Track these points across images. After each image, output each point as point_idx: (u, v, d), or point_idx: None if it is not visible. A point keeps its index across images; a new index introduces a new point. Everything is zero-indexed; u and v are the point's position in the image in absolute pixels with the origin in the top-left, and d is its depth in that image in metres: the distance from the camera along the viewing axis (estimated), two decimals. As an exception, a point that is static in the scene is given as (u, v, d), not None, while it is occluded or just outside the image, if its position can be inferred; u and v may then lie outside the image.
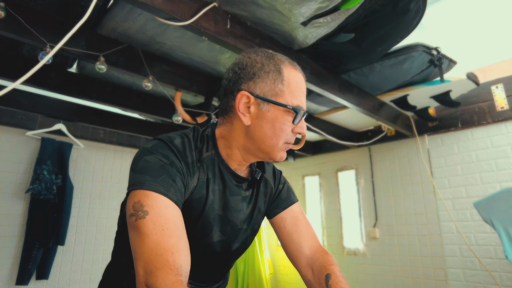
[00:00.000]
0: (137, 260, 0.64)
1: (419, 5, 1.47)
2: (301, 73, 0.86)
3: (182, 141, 0.82)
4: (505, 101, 2.42)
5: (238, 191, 0.90)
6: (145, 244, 0.64)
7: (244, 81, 0.82)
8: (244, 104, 0.82)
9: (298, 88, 0.82)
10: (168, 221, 0.68)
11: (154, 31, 1.62)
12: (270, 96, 0.80)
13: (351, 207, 3.32)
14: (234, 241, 0.92)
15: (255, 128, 0.82)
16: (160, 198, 0.69)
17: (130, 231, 0.69)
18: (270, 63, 0.82)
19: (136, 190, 0.71)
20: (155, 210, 0.67)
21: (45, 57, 1.08)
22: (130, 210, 0.69)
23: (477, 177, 2.49)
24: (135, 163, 0.76)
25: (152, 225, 0.66)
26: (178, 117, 2.08)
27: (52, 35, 1.45)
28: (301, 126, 0.83)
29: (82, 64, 1.97)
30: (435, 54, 1.95)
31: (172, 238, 0.66)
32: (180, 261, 0.64)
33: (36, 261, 2.28)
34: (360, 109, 2.19)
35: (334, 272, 0.85)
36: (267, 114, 0.80)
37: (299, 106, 0.81)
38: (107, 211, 2.81)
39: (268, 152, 0.83)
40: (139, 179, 0.71)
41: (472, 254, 2.40)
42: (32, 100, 2.23)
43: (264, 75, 0.81)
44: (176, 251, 0.65)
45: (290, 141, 0.84)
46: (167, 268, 0.61)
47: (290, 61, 0.86)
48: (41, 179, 2.34)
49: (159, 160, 0.74)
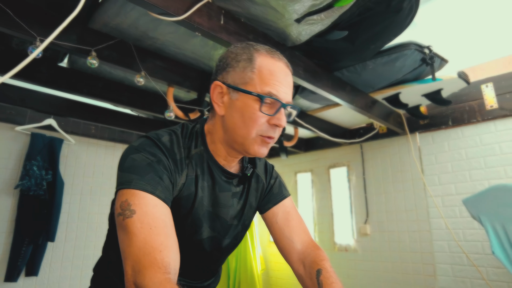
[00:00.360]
0: (126, 259, 0.64)
1: (412, 3, 1.47)
2: (280, 61, 0.82)
3: (170, 138, 0.81)
4: (495, 100, 2.46)
5: (228, 187, 0.89)
6: (133, 243, 0.64)
7: (219, 72, 0.83)
8: (218, 95, 0.82)
9: (271, 76, 0.78)
10: (156, 220, 0.67)
11: (147, 26, 1.60)
12: (239, 84, 0.79)
13: (342, 204, 3.35)
14: (224, 237, 0.92)
15: (228, 118, 0.81)
16: (147, 197, 0.69)
17: (118, 231, 0.69)
18: (243, 52, 0.81)
19: (123, 190, 0.70)
20: (142, 209, 0.67)
21: (35, 51, 1.07)
22: (118, 209, 0.69)
23: (467, 174, 2.53)
24: (122, 162, 0.75)
25: (139, 224, 0.65)
26: (170, 113, 2.07)
27: (42, 28, 1.42)
28: (277, 118, 0.78)
29: (73, 59, 1.94)
30: (427, 53, 1.97)
31: (160, 236, 0.66)
32: (168, 259, 0.64)
33: (25, 257, 2.26)
34: (352, 106, 2.20)
35: (325, 268, 0.86)
36: (237, 103, 0.79)
37: (270, 93, 0.77)
38: (98, 207, 2.79)
39: (241, 143, 0.80)
40: (126, 178, 0.71)
41: (460, 249, 2.44)
42: (22, 95, 2.19)
43: (235, 64, 0.81)
44: (164, 249, 0.64)
45: (265, 134, 0.79)
46: (155, 267, 0.61)
47: (269, 50, 0.83)
48: (30, 174, 2.31)
49: (146, 158, 0.74)
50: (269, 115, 0.78)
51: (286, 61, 0.84)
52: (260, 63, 0.79)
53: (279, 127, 0.81)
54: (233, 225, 0.93)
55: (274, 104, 0.79)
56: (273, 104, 0.79)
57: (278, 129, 0.81)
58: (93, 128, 2.81)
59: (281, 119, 0.79)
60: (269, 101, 0.78)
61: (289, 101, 0.81)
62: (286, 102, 0.80)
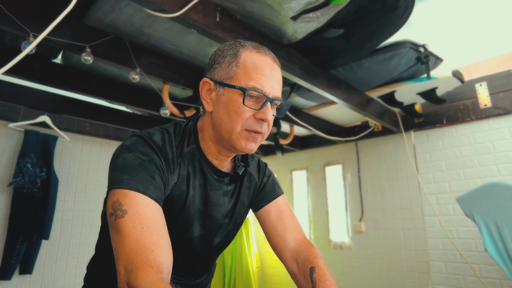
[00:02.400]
0: (118, 259, 0.64)
1: (407, 2, 1.48)
2: (266, 56, 0.81)
3: (162, 137, 0.81)
4: (488, 98, 2.48)
5: (219, 186, 0.89)
6: (125, 243, 0.64)
7: (208, 70, 0.85)
8: (207, 91, 0.83)
9: (256, 70, 0.78)
10: (148, 219, 0.67)
11: (142, 23, 1.59)
12: (225, 79, 0.80)
13: (337, 201, 3.36)
14: (216, 235, 0.92)
15: (215, 113, 0.82)
16: (138, 196, 0.69)
17: (110, 231, 0.69)
18: (230, 49, 0.82)
19: (114, 189, 0.70)
20: (134, 209, 0.67)
21: (28, 47, 1.05)
22: (110, 209, 0.68)
23: (460, 172, 2.55)
24: (113, 161, 0.75)
25: (131, 224, 0.65)
26: (166, 110, 2.06)
27: (35, 24, 1.41)
28: (263, 112, 0.78)
29: (68, 55, 1.92)
30: (422, 51, 1.98)
31: (152, 236, 0.65)
32: (161, 258, 0.64)
33: (19, 255, 2.24)
34: (348, 104, 2.20)
35: (318, 265, 0.86)
36: (222, 98, 0.80)
37: (254, 87, 0.76)
38: (93, 204, 2.78)
39: (227, 139, 0.80)
40: (118, 178, 0.70)
41: (454, 247, 2.47)
42: (15, 91, 2.17)
43: (222, 60, 0.82)
44: (156, 249, 0.64)
45: (251, 128, 0.78)
46: (147, 266, 0.61)
47: (256, 45, 0.83)
48: (24, 172, 2.29)
49: (138, 158, 0.73)
50: (254, 109, 0.78)
51: (273, 55, 0.84)
52: (244, 58, 0.79)
53: (265, 122, 0.80)
54: (225, 224, 0.93)
55: (260, 99, 0.79)
56: (259, 99, 0.79)
57: (264, 123, 0.80)
58: (87, 125, 2.79)
59: (267, 113, 0.78)
60: (254, 95, 0.78)
61: (276, 96, 0.81)
62: (273, 96, 0.80)
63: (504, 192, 1.66)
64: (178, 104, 2.22)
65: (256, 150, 0.83)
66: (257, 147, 0.83)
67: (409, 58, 2.00)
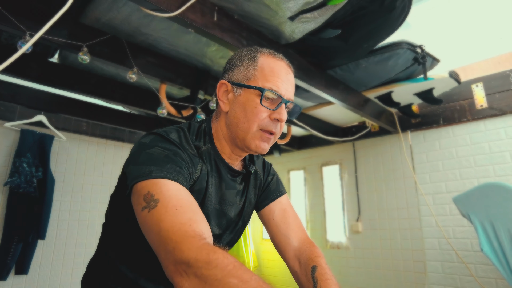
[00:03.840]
0: (158, 247, 0.61)
1: (405, 3, 1.49)
2: (282, 61, 0.86)
3: (178, 135, 0.82)
4: (484, 99, 2.50)
5: (233, 185, 0.92)
6: (161, 229, 0.61)
7: (225, 72, 0.89)
8: (224, 93, 0.87)
9: (272, 73, 0.83)
10: (181, 200, 0.66)
11: (140, 22, 1.58)
12: (242, 81, 0.84)
13: (335, 201, 3.37)
14: (228, 233, 0.94)
15: (231, 113, 0.85)
16: (169, 183, 0.67)
17: (144, 225, 0.66)
18: (247, 53, 0.87)
19: (142, 182, 0.67)
20: (165, 195, 0.65)
21: (24, 46, 1.05)
22: (142, 203, 0.66)
23: (457, 173, 2.57)
24: (135, 157, 0.73)
25: (164, 210, 0.63)
26: (163, 110, 2.06)
27: (32, 23, 1.40)
28: (278, 112, 0.82)
29: (64, 54, 1.91)
30: (419, 52, 1.98)
31: (188, 213, 0.64)
32: (199, 229, 0.62)
33: (15, 255, 2.23)
34: (345, 105, 2.21)
35: (320, 264, 0.87)
36: (239, 98, 0.83)
37: (271, 88, 0.81)
38: (90, 204, 2.77)
39: (243, 138, 0.83)
40: (145, 170, 0.68)
41: (450, 247, 2.48)
42: (11, 90, 2.15)
43: (240, 63, 0.86)
44: (193, 223, 0.62)
45: (267, 128, 0.82)
46: (188, 237, 0.59)
47: (272, 52, 0.87)
48: (20, 171, 2.27)
49: (162, 151, 0.73)
50: (270, 109, 0.81)
51: (287, 61, 0.89)
52: (262, 61, 0.84)
53: (280, 122, 0.84)
54: (235, 222, 0.95)
55: (275, 100, 0.82)
56: (274, 100, 0.82)
57: (279, 124, 0.84)
58: (84, 124, 2.78)
59: (282, 113, 0.82)
60: (270, 96, 0.81)
61: (290, 98, 0.85)
62: (287, 98, 0.84)
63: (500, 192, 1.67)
64: (175, 103, 2.22)
65: (267, 150, 0.86)
66: (269, 147, 0.86)
67: (406, 59, 2.01)
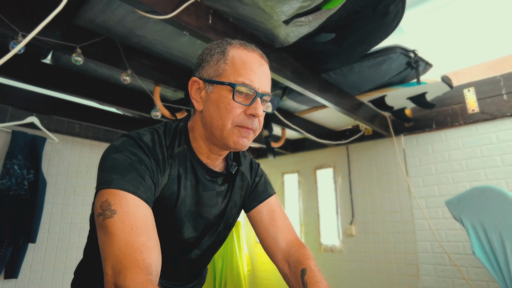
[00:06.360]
0: (106, 260, 0.63)
1: (398, 8, 1.50)
2: (254, 52, 0.82)
3: (152, 137, 0.80)
4: (476, 104, 2.53)
5: (212, 186, 0.88)
6: (114, 244, 0.63)
7: (196, 69, 0.85)
8: (196, 91, 0.83)
9: (244, 66, 0.78)
10: (137, 220, 0.66)
11: (134, 24, 1.58)
12: (213, 77, 0.80)
13: (328, 205, 3.38)
14: (207, 236, 0.91)
15: (205, 112, 0.81)
16: (128, 196, 0.68)
17: (98, 231, 0.67)
18: (217, 47, 0.83)
19: (104, 189, 0.69)
20: (123, 209, 0.66)
21: (16, 47, 1.04)
22: (98, 209, 0.67)
23: (449, 176, 2.59)
24: (103, 162, 0.74)
25: (120, 224, 0.64)
26: (157, 112, 2.05)
27: (24, 23, 1.39)
28: (253, 107, 0.77)
29: (57, 55, 1.89)
30: (412, 57, 2.00)
31: (142, 237, 0.64)
32: (150, 260, 0.63)
33: (4, 259, 2.19)
34: (339, 108, 2.22)
35: (309, 267, 0.85)
36: (212, 95, 0.80)
37: (243, 83, 0.77)
38: (82, 207, 2.73)
39: (219, 136, 0.79)
40: (107, 178, 0.69)
41: (443, 250, 2.50)
42: (3, 91, 2.13)
43: (210, 58, 0.82)
44: (145, 250, 0.63)
45: (242, 124, 0.78)
46: (136, 267, 0.60)
47: (243, 43, 0.83)
48: (11, 174, 2.24)
49: (128, 158, 0.72)
50: (244, 105, 0.78)
51: (260, 52, 0.84)
52: (233, 54, 0.80)
53: (256, 117, 0.80)
54: (216, 224, 0.92)
55: (250, 95, 0.78)
56: (248, 95, 0.78)
57: (255, 119, 0.80)
58: (77, 126, 2.75)
59: (257, 108, 0.78)
60: (244, 91, 0.77)
61: (265, 91, 0.80)
62: (262, 91, 0.80)
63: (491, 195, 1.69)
64: (169, 106, 2.21)
65: (248, 146, 0.83)
66: (249, 143, 0.82)
67: (400, 63, 2.03)
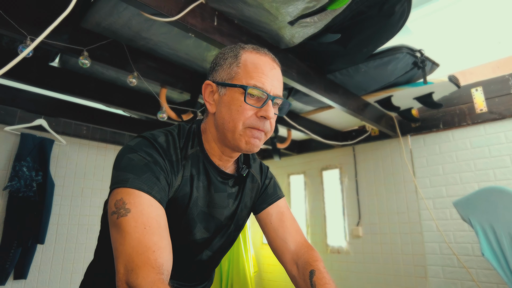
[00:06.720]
0: (118, 258, 0.63)
1: (404, 7, 1.49)
2: (267, 56, 0.83)
3: (166, 139, 0.81)
4: (484, 103, 2.50)
5: (223, 188, 0.90)
6: (127, 242, 0.63)
7: (210, 73, 0.87)
8: (209, 94, 0.85)
9: (256, 69, 0.80)
10: (151, 220, 0.67)
11: (140, 27, 1.59)
12: (226, 80, 0.81)
13: (335, 206, 3.36)
14: (218, 237, 0.92)
15: (218, 114, 0.83)
16: (143, 196, 0.69)
17: (111, 229, 0.68)
18: (230, 51, 0.84)
19: (118, 188, 0.70)
20: (137, 208, 0.67)
21: (25, 50, 1.05)
22: (112, 208, 0.68)
23: (457, 177, 2.56)
24: (118, 161, 0.75)
25: (134, 223, 0.65)
26: (163, 114, 2.06)
27: (33, 27, 1.41)
28: (264, 109, 0.79)
29: (65, 58, 1.92)
30: (418, 56, 1.99)
31: (154, 236, 0.65)
32: (161, 259, 0.64)
33: (14, 260, 2.22)
34: (345, 109, 2.21)
35: (318, 268, 0.86)
36: (224, 98, 0.81)
37: (255, 85, 0.78)
38: (90, 209, 2.76)
39: (231, 138, 0.81)
40: (122, 177, 0.70)
41: (451, 251, 2.47)
42: (12, 94, 2.16)
43: (223, 62, 0.84)
44: (157, 250, 0.64)
45: (254, 126, 0.79)
46: (148, 266, 0.61)
47: (256, 47, 0.85)
48: (20, 176, 2.27)
49: (143, 158, 0.73)
50: (256, 107, 0.79)
51: (272, 56, 0.86)
52: (245, 58, 0.81)
53: (267, 119, 0.81)
54: (227, 225, 0.93)
55: (261, 97, 0.80)
56: (260, 97, 0.80)
57: (266, 121, 0.81)
58: (84, 128, 2.78)
59: (268, 110, 0.79)
60: (255, 93, 0.79)
61: (276, 94, 0.82)
62: (274, 94, 0.81)
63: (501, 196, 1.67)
64: (175, 108, 2.22)
65: (260, 147, 0.84)
66: (261, 144, 0.83)
67: (406, 63, 2.01)
